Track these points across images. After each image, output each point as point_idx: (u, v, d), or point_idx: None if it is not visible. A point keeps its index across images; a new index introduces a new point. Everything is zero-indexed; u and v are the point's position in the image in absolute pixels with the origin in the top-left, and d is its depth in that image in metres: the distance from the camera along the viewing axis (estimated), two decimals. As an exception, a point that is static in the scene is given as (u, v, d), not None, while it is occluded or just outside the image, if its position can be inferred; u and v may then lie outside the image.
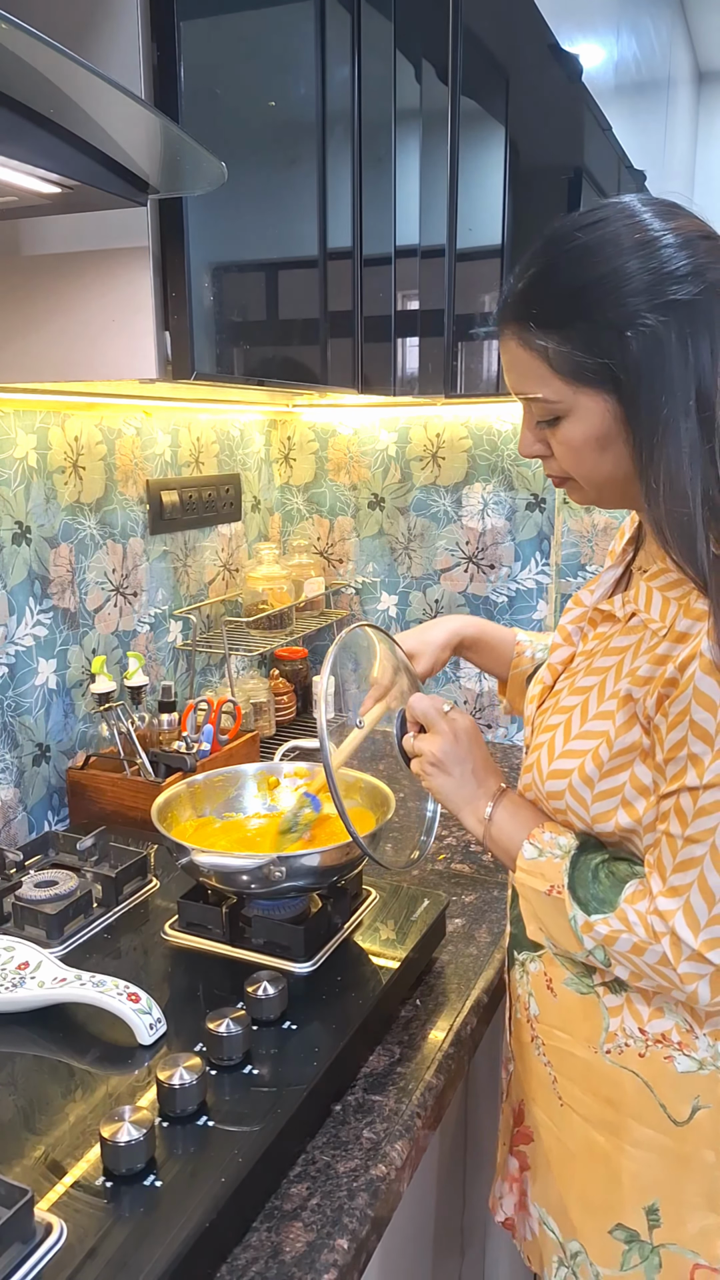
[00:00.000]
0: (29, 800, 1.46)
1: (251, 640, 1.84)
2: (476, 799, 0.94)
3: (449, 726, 0.96)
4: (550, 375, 0.79)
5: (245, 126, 1.09)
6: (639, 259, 0.75)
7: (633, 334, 0.74)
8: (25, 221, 1.05)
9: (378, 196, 1.38)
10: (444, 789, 0.96)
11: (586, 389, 0.78)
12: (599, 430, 0.79)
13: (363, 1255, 0.79)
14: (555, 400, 0.80)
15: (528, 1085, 1.00)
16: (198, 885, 1.14)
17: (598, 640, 0.90)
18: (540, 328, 0.78)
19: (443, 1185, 1.12)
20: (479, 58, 1.56)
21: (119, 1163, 0.76)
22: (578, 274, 0.77)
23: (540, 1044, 0.96)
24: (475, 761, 0.96)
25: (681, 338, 0.74)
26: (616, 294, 0.75)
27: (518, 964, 0.99)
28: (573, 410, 0.80)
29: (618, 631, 0.87)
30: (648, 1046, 0.86)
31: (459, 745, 0.95)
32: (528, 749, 0.94)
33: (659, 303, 0.74)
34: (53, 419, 1.44)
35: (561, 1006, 0.92)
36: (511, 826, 0.91)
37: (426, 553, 1.98)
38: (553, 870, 0.86)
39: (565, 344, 0.77)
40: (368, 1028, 0.98)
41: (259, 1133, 0.81)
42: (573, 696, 0.89)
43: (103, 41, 0.93)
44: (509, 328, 0.82)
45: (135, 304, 1.01)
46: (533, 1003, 0.96)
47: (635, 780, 0.82)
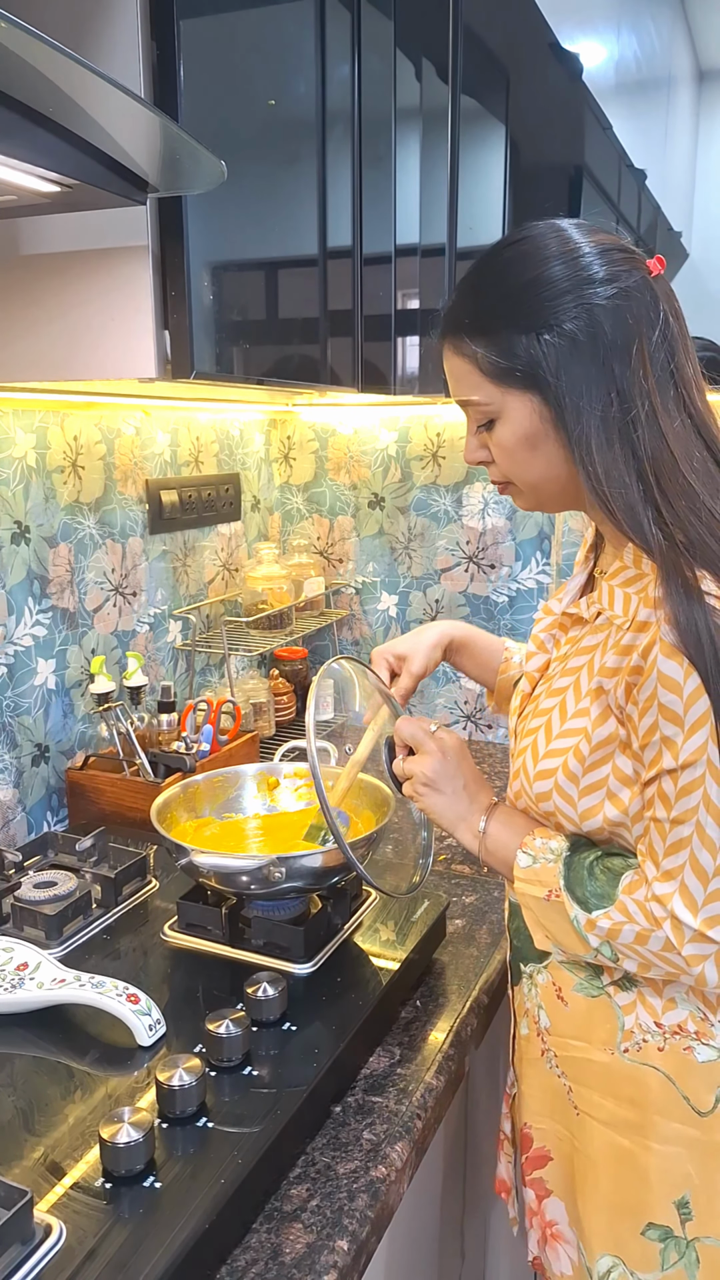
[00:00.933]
0: (28, 801, 1.46)
1: (251, 640, 1.84)
2: (470, 814, 0.95)
3: (437, 745, 0.97)
4: (481, 380, 0.85)
5: (245, 125, 1.09)
6: (560, 267, 0.81)
7: (550, 336, 0.80)
8: (25, 220, 1.05)
9: (378, 195, 1.38)
10: (437, 807, 0.96)
11: (513, 390, 0.84)
12: (527, 429, 0.85)
13: (363, 1257, 0.78)
14: (487, 403, 0.86)
15: (536, 1104, 0.98)
16: (197, 886, 1.14)
17: (570, 644, 0.92)
18: (470, 336, 0.85)
19: (443, 1186, 1.12)
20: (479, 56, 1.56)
21: (118, 1164, 0.76)
22: (502, 284, 0.84)
23: (553, 1056, 0.95)
24: (466, 778, 0.96)
25: (595, 338, 0.80)
26: (536, 300, 0.81)
27: (524, 977, 0.98)
28: (503, 411, 0.85)
29: (586, 632, 0.90)
30: (666, 1039, 0.86)
31: (449, 763, 0.96)
32: (514, 756, 0.96)
33: (577, 306, 0.80)
34: (52, 418, 1.44)
35: (574, 1014, 0.92)
36: (506, 837, 0.92)
37: (426, 552, 1.98)
38: (548, 875, 0.87)
39: (491, 349, 0.83)
40: (368, 1029, 0.98)
41: (259, 1134, 0.81)
42: (550, 699, 0.91)
43: (103, 40, 0.93)
44: (446, 339, 0.88)
45: (135, 303, 1.01)
46: (543, 1015, 0.95)
47: (617, 771, 0.83)
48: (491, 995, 1.11)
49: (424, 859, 1.15)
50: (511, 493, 0.92)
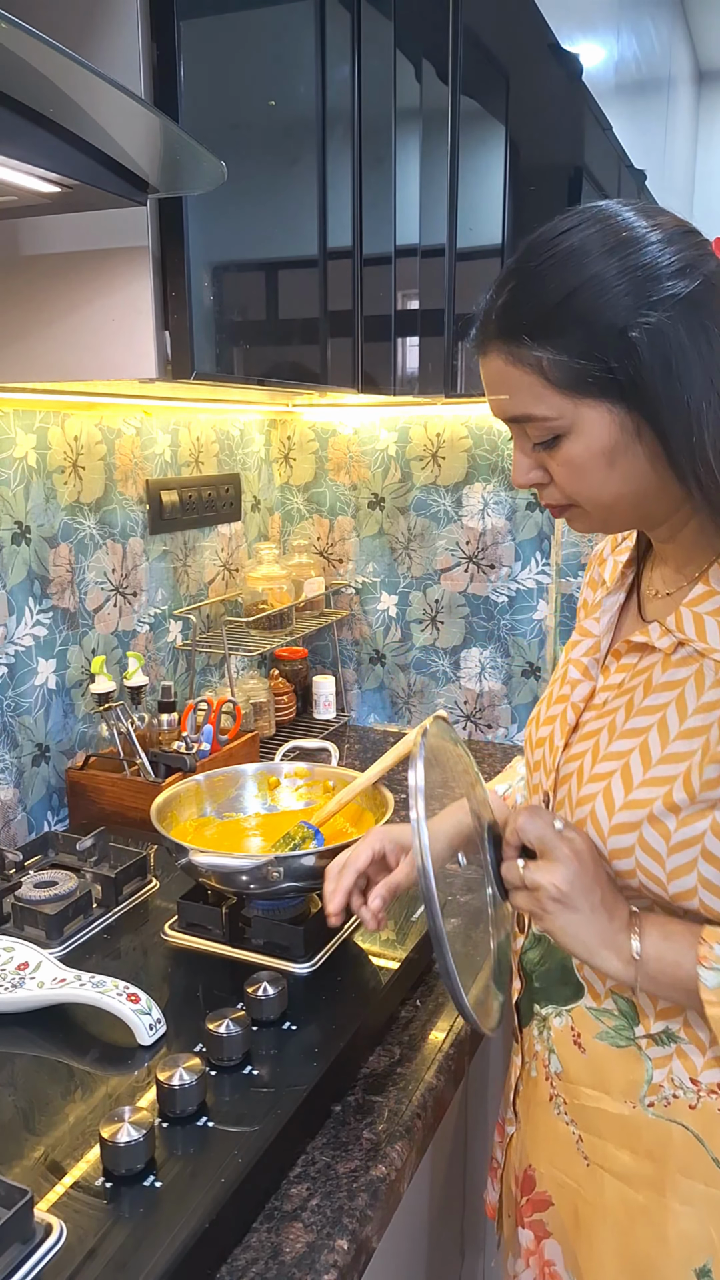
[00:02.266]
0: (28, 800, 1.46)
1: (251, 640, 1.84)
2: (615, 935, 0.76)
3: (570, 849, 0.77)
4: (546, 390, 0.73)
5: (245, 126, 1.09)
6: (627, 257, 0.71)
7: (637, 333, 0.70)
8: (25, 221, 1.05)
9: (378, 196, 1.38)
10: (570, 929, 0.76)
11: (588, 400, 0.73)
12: (606, 443, 0.74)
13: (363, 1256, 0.78)
14: (554, 417, 0.74)
15: (540, 1148, 0.90)
16: (197, 886, 1.14)
17: (627, 673, 0.82)
18: (533, 339, 0.73)
19: (443, 1186, 1.12)
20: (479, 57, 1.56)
21: (119, 1163, 0.76)
22: (565, 278, 0.72)
23: (562, 1102, 0.87)
24: (602, 889, 0.77)
25: (690, 330, 0.70)
26: (610, 294, 0.71)
27: (536, 1019, 0.89)
28: (574, 425, 0.74)
29: (658, 663, 0.79)
30: (699, 1096, 0.78)
31: (585, 871, 0.77)
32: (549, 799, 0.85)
33: (656, 299, 0.70)
34: (52, 419, 1.44)
35: (592, 1062, 0.83)
36: (672, 954, 0.74)
37: (426, 552, 1.98)
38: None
39: (562, 353, 0.72)
40: (367, 1028, 0.98)
41: (259, 1133, 0.81)
42: (624, 741, 0.79)
43: (103, 41, 0.93)
44: (493, 345, 0.76)
45: (135, 304, 1.01)
46: (554, 1059, 0.87)
47: (717, 827, 0.73)
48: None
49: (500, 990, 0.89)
50: (572, 516, 0.80)
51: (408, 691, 2.05)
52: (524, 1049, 0.92)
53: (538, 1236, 0.93)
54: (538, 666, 1.92)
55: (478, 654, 1.97)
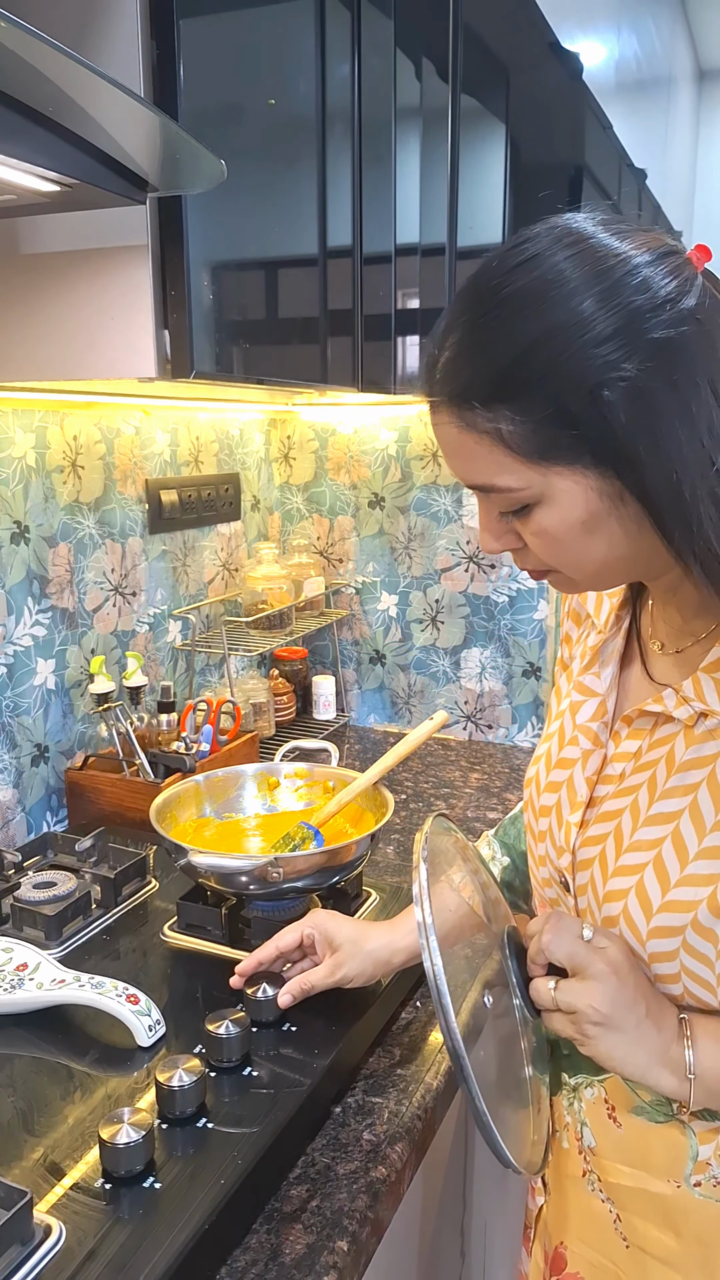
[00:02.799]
0: (27, 801, 1.46)
1: (251, 640, 1.84)
2: (666, 1050, 0.68)
3: (605, 964, 0.68)
4: (509, 459, 0.63)
5: (245, 124, 1.09)
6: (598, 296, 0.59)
7: (611, 392, 0.59)
8: (24, 220, 1.05)
9: (378, 195, 1.38)
10: (617, 1052, 0.68)
11: (558, 468, 0.62)
12: (583, 513, 0.64)
13: (363, 1258, 0.78)
14: (520, 488, 0.64)
15: (573, 1226, 0.83)
16: (197, 886, 1.14)
17: (642, 740, 0.74)
18: (487, 405, 0.62)
19: (443, 1188, 1.11)
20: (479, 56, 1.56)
21: (118, 1164, 0.76)
22: (520, 328, 0.60)
23: (596, 1179, 0.79)
24: (647, 1001, 0.69)
25: (675, 383, 0.59)
26: (577, 344, 0.59)
27: (566, 1088, 0.82)
28: (545, 495, 0.64)
29: (678, 737, 0.71)
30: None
31: (625, 987, 0.68)
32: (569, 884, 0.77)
33: (634, 347, 0.59)
34: (51, 418, 1.44)
35: (629, 1137, 0.76)
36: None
37: (427, 552, 1.98)
38: None
39: (522, 416, 0.61)
40: (367, 1029, 0.98)
41: (258, 1134, 0.81)
42: (652, 828, 0.71)
43: (102, 40, 0.93)
44: (440, 408, 0.65)
45: (134, 302, 1.01)
46: (587, 1133, 0.79)
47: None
48: (491, 995, 1.11)
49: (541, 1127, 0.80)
50: (555, 580, 0.71)
51: (408, 692, 2.05)
52: (554, 1118, 0.84)
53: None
54: (538, 666, 1.92)
55: (478, 654, 1.97)
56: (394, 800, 1.17)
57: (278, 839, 1.17)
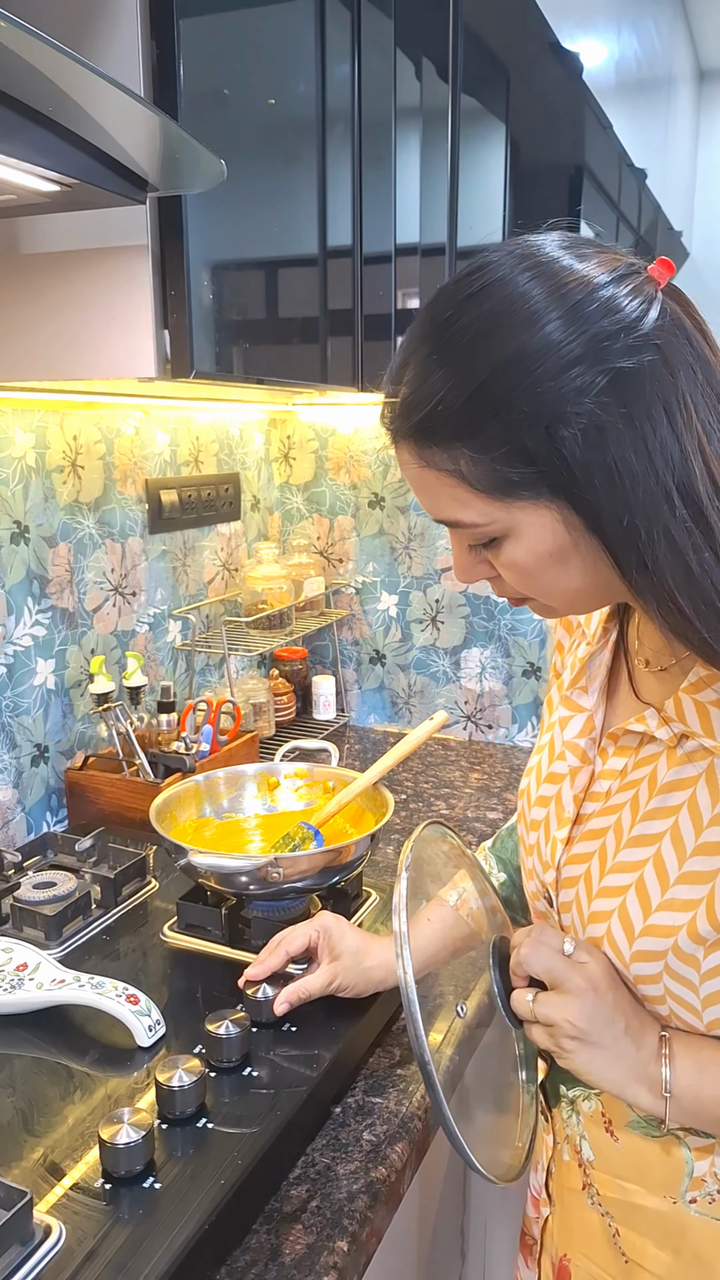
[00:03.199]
0: (27, 801, 1.46)
1: (251, 640, 1.84)
2: (645, 1067, 0.68)
3: (584, 980, 0.69)
4: (471, 496, 0.62)
5: (245, 124, 1.09)
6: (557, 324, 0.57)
7: (565, 428, 0.57)
8: (24, 220, 1.05)
9: (378, 194, 1.38)
10: (594, 1067, 0.69)
11: (520, 503, 0.61)
12: (550, 545, 0.63)
13: (363, 1258, 0.78)
14: (485, 523, 0.63)
15: (575, 1239, 0.82)
16: (197, 886, 1.14)
17: (628, 758, 0.73)
18: (441, 444, 0.61)
19: (444, 1187, 1.11)
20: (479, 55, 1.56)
21: (118, 1165, 0.76)
22: (474, 362, 0.59)
23: (595, 1192, 0.79)
24: (626, 1017, 0.69)
25: (629, 417, 0.57)
26: (532, 378, 0.57)
27: (565, 1100, 0.81)
28: (511, 530, 0.63)
29: (661, 757, 0.71)
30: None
31: (603, 1002, 0.68)
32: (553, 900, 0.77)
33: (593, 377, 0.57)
34: (51, 418, 1.44)
35: (626, 1152, 0.76)
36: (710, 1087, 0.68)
37: (427, 552, 1.98)
38: None
39: (480, 456, 0.60)
40: (368, 1029, 0.98)
41: (258, 1135, 0.81)
42: (634, 850, 0.71)
43: (102, 40, 0.93)
44: (402, 447, 0.64)
45: (134, 302, 1.01)
46: (585, 1146, 0.79)
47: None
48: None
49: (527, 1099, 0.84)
50: (534, 607, 0.70)
51: (408, 692, 2.05)
52: (555, 1130, 0.84)
53: None
54: (538, 666, 1.92)
55: (478, 654, 1.96)
56: (394, 800, 1.17)
57: (278, 839, 1.17)
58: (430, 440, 0.62)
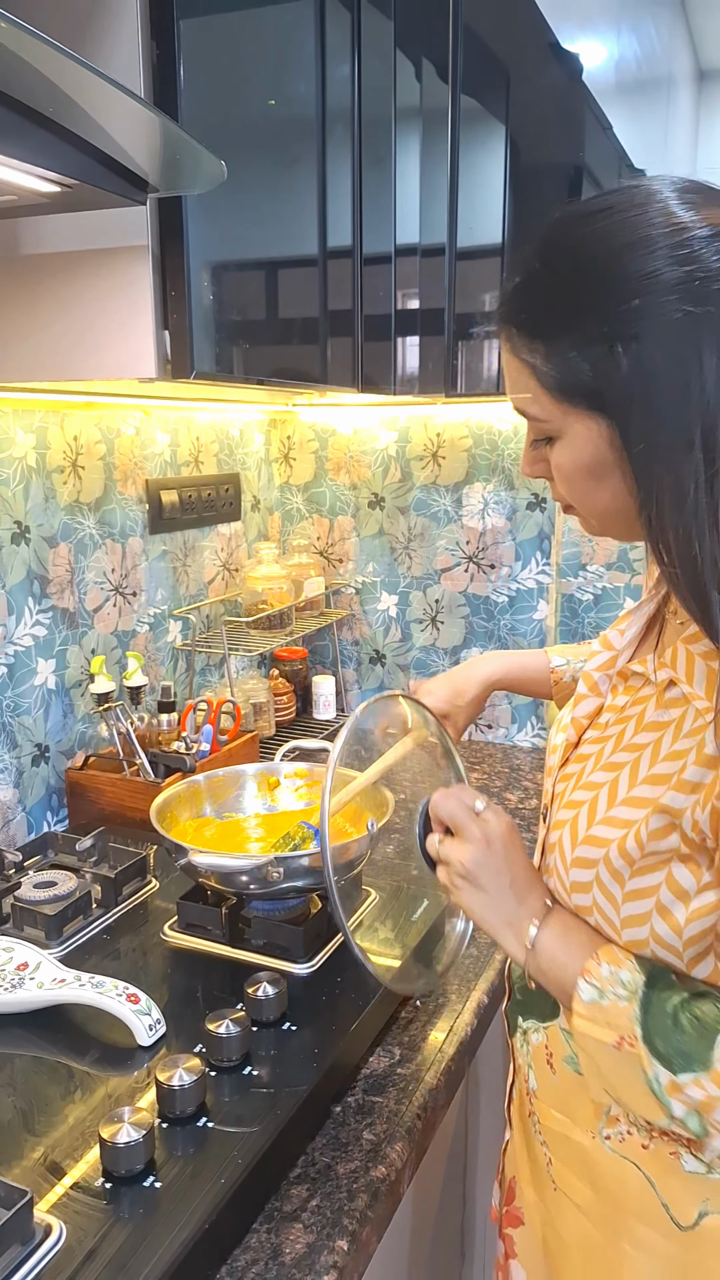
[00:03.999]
0: (28, 801, 1.46)
1: (251, 640, 1.84)
2: (517, 919, 0.77)
3: (481, 831, 0.79)
4: (539, 391, 0.69)
5: (245, 125, 1.09)
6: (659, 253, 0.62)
7: (624, 349, 0.63)
8: (24, 220, 1.05)
9: (378, 195, 1.38)
10: (475, 906, 0.79)
11: (576, 411, 0.68)
12: (591, 458, 0.69)
13: (363, 1257, 0.78)
14: (545, 419, 0.71)
15: (522, 1163, 0.90)
16: (197, 886, 1.14)
17: (628, 696, 0.79)
18: (526, 338, 0.69)
19: (444, 1187, 1.12)
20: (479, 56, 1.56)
21: (118, 1164, 0.76)
22: (570, 275, 0.66)
23: (536, 1121, 0.85)
24: (514, 873, 0.78)
25: (681, 357, 0.62)
26: (610, 300, 0.63)
27: (519, 1031, 0.88)
28: (563, 433, 0.70)
29: (652, 699, 0.76)
30: (652, 1139, 0.75)
31: (492, 854, 0.78)
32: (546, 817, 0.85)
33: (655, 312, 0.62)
34: (51, 418, 1.44)
35: (561, 1085, 0.81)
36: (563, 956, 0.74)
37: (427, 552, 1.98)
38: (620, 1017, 0.69)
39: (552, 357, 0.67)
40: (368, 1029, 0.98)
41: (258, 1134, 0.81)
42: (602, 773, 0.77)
43: (103, 40, 0.93)
44: (502, 331, 0.72)
45: (134, 303, 1.01)
46: (532, 1076, 0.85)
47: (673, 883, 0.70)
48: (492, 996, 1.11)
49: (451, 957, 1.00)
50: (577, 516, 0.78)
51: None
52: (512, 1059, 0.91)
53: (506, 1253, 0.93)
54: (538, 666, 1.91)
55: (478, 654, 1.96)
56: (394, 800, 1.17)
57: (278, 839, 1.17)
58: (519, 330, 0.70)
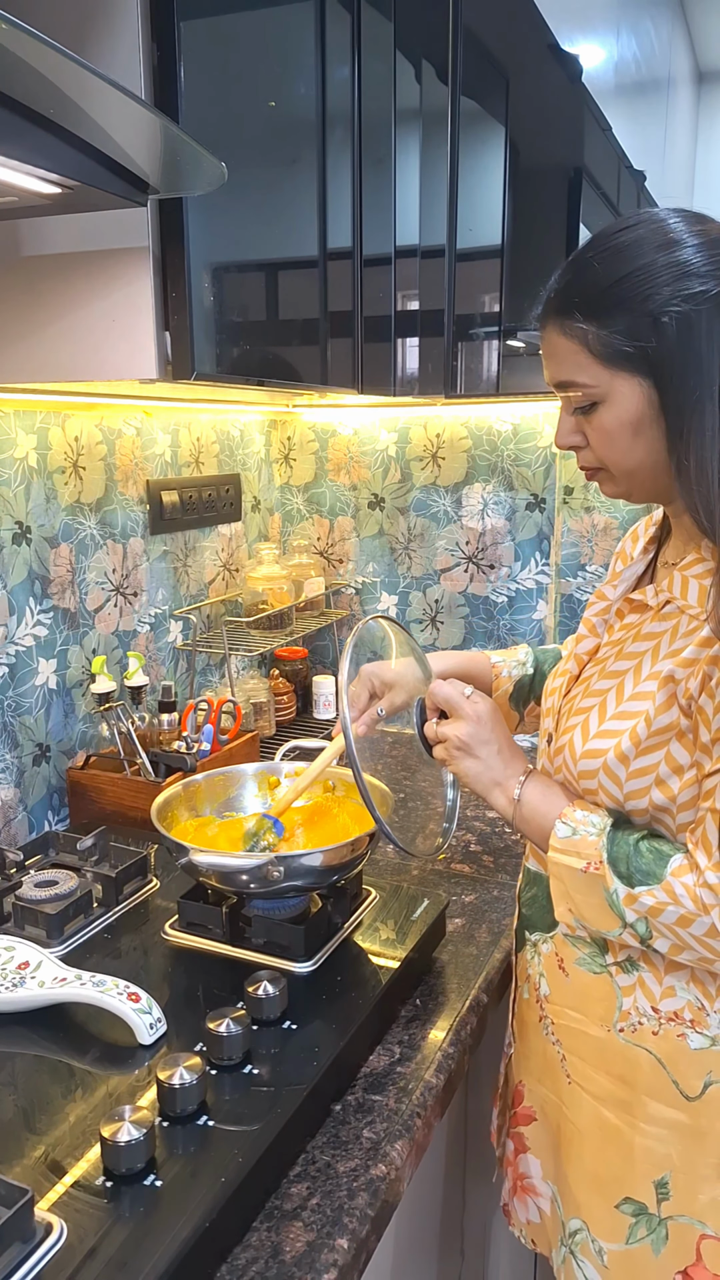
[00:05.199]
0: (29, 800, 1.46)
1: (251, 640, 1.84)
2: (505, 779, 0.95)
3: (472, 709, 0.97)
4: (589, 360, 0.84)
5: (245, 126, 1.09)
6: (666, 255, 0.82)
7: (667, 319, 0.80)
8: (25, 222, 1.05)
9: (378, 196, 1.38)
10: (471, 771, 0.96)
11: (622, 373, 0.83)
12: (634, 415, 0.84)
13: (363, 1255, 0.79)
14: (593, 385, 0.85)
15: (530, 1066, 1.03)
16: (198, 885, 1.14)
17: (625, 630, 0.93)
18: (582, 315, 0.84)
19: (443, 1185, 1.12)
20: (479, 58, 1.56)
21: (119, 1162, 0.76)
22: (613, 270, 0.83)
23: (550, 1023, 0.99)
24: (500, 742, 0.97)
25: (710, 326, 0.80)
26: (649, 285, 0.82)
27: (528, 944, 1.02)
28: (609, 395, 0.84)
29: (649, 619, 0.91)
30: (661, 1024, 0.89)
31: (482, 727, 0.97)
32: (551, 738, 0.97)
33: (687, 293, 0.80)
34: (53, 419, 1.44)
35: (574, 986, 0.95)
36: (544, 805, 0.93)
37: (426, 553, 1.98)
38: (589, 847, 0.87)
39: (604, 329, 0.83)
40: (368, 1027, 0.98)
41: (259, 1132, 0.81)
42: (605, 681, 0.92)
43: (103, 41, 0.93)
44: (550, 320, 0.87)
45: (135, 304, 1.01)
46: (544, 983, 0.99)
47: (670, 759, 0.85)
48: (491, 994, 1.11)
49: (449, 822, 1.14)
50: (601, 479, 0.92)
51: (408, 691, 2.05)
52: (517, 972, 1.06)
53: (517, 1150, 1.06)
54: (538, 666, 1.92)
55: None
56: (394, 799, 1.17)
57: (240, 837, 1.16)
58: (574, 314, 0.84)
